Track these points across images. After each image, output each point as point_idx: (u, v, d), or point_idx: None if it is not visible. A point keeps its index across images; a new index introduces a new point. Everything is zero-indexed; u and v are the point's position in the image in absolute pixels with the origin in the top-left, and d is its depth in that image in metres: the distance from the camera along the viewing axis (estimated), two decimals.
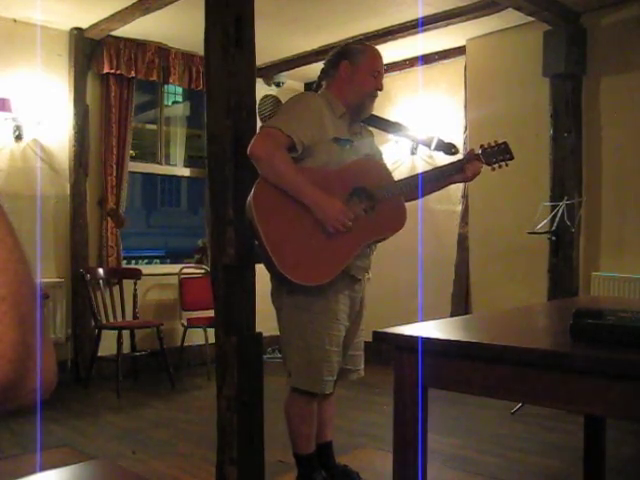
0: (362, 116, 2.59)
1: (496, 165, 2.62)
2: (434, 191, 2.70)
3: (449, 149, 2.75)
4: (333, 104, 2.50)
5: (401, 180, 2.56)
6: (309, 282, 2.32)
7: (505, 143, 2.62)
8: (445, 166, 2.61)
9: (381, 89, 2.57)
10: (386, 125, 2.94)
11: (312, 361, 2.40)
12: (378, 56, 2.59)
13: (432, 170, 2.67)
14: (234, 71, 2.39)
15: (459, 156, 2.77)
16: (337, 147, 2.43)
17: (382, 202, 2.43)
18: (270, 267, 2.35)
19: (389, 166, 2.73)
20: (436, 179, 2.60)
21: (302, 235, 2.32)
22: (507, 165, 2.62)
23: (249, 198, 2.33)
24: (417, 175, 2.58)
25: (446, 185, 2.67)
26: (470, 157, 2.60)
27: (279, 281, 2.41)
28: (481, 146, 2.62)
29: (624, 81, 4.22)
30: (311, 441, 2.52)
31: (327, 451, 2.68)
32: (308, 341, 2.39)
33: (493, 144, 2.62)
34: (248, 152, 2.32)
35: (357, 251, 2.40)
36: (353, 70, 2.51)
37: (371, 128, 2.76)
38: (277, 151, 2.29)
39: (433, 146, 2.76)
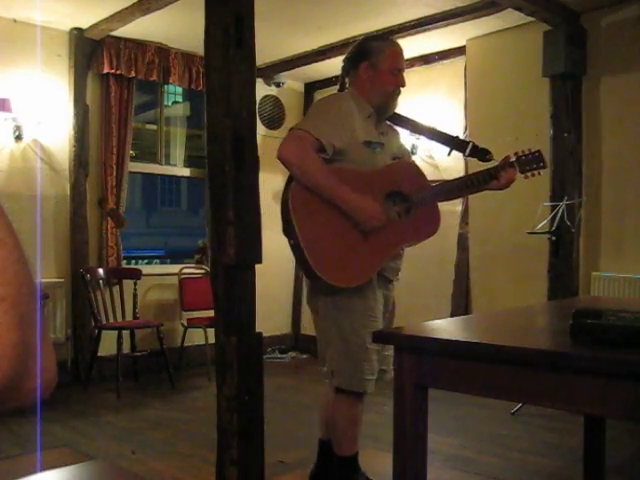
0: (387, 114, 2.57)
1: (529, 173, 2.59)
2: (466, 195, 2.69)
3: (484, 155, 2.67)
4: (361, 105, 2.48)
5: (437, 186, 2.56)
6: (343, 284, 2.33)
7: (539, 151, 2.58)
8: (480, 172, 2.57)
9: (404, 85, 2.53)
10: (418, 128, 2.86)
11: (354, 361, 2.38)
12: (398, 53, 2.55)
13: (467, 176, 2.65)
14: (234, 71, 2.39)
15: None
16: (368, 151, 2.42)
17: (417, 206, 2.46)
18: (305, 268, 2.35)
19: None
20: (471, 185, 2.58)
21: (337, 237, 2.34)
22: (540, 174, 2.59)
23: (287, 199, 2.32)
24: (453, 181, 2.60)
25: (480, 191, 2.65)
26: (505, 164, 2.55)
27: (315, 283, 2.41)
28: (515, 153, 2.58)
29: (624, 81, 4.22)
30: (356, 442, 2.51)
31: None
32: (349, 340, 2.38)
33: (527, 152, 2.58)
34: (278, 155, 2.31)
35: (391, 254, 2.42)
36: (374, 71, 2.49)
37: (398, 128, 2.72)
38: (308, 155, 2.28)
39: (467, 152, 2.70)
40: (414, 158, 5.36)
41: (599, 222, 4.34)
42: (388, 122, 2.63)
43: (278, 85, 6.01)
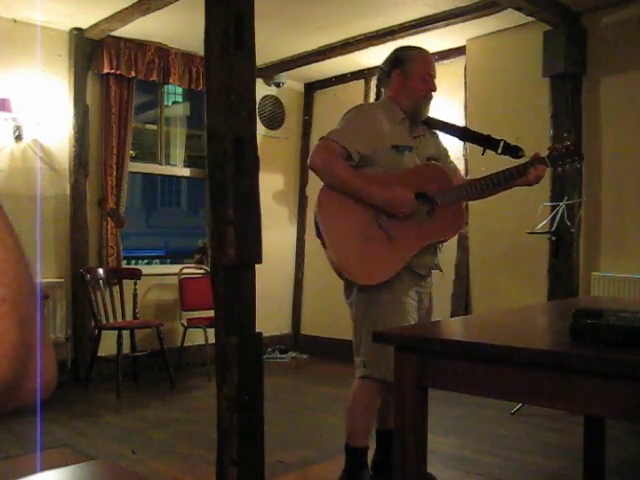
0: (420, 118, 2.67)
1: (563, 167, 2.61)
2: (495, 193, 2.73)
3: (516, 152, 2.69)
4: (392, 111, 2.62)
5: (461, 186, 2.61)
6: (365, 281, 2.48)
7: (574, 145, 2.60)
8: (508, 170, 2.60)
9: (434, 90, 2.66)
10: (451, 129, 2.88)
11: (382, 351, 2.42)
12: (428, 60, 2.71)
13: (494, 174, 2.66)
14: (234, 71, 2.39)
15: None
16: (396, 154, 2.55)
17: (442, 207, 2.54)
18: (333, 267, 2.51)
19: None
20: (498, 183, 2.61)
21: (362, 237, 2.48)
22: (578, 166, 2.61)
23: (315, 203, 2.53)
24: (478, 180, 2.63)
25: (509, 188, 2.68)
26: (534, 161, 2.58)
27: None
28: (549, 148, 2.61)
29: (624, 81, 4.22)
30: (367, 435, 2.58)
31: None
32: None
33: (561, 147, 2.60)
34: (308, 164, 2.53)
35: (414, 253, 2.51)
36: (405, 78, 2.63)
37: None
38: (334, 159, 2.46)
39: (500, 150, 2.71)
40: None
41: (599, 222, 4.34)
42: (424, 126, 2.72)
43: (278, 85, 6.01)
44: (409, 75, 2.62)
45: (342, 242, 2.47)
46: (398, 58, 2.69)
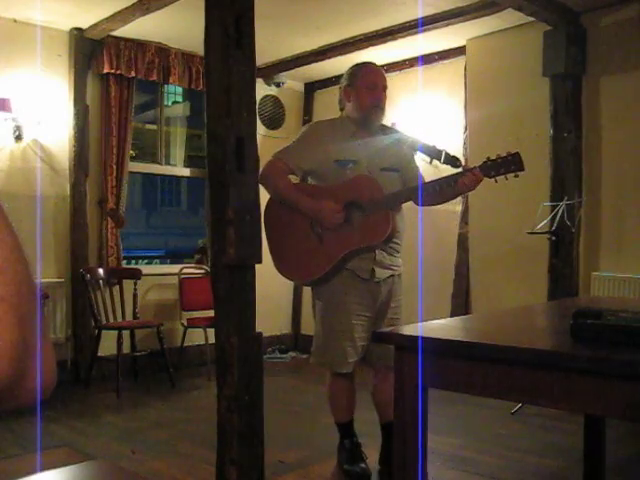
0: (372, 128, 2.81)
1: (499, 177, 2.62)
2: (438, 202, 2.86)
3: (454, 162, 2.81)
4: (344, 126, 2.82)
5: (388, 195, 2.72)
6: (295, 280, 2.98)
7: (515, 154, 2.60)
8: (443, 179, 2.71)
9: (380, 99, 2.78)
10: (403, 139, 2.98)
11: (321, 340, 2.83)
12: (371, 71, 2.84)
13: (429, 182, 2.77)
14: (234, 71, 2.39)
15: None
16: (339, 168, 2.74)
17: (370, 214, 2.69)
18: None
19: None
20: (432, 191, 2.72)
21: (296, 242, 2.78)
22: (516, 176, 2.61)
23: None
24: (404, 190, 2.77)
25: (452, 197, 2.81)
26: (464, 172, 2.68)
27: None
28: (487, 158, 2.64)
29: (624, 81, 4.22)
30: (341, 412, 2.96)
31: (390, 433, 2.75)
32: (317, 323, 2.85)
33: (502, 155, 2.60)
34: (258, 178, 2.72)
35: (342, 255, 2.69)
36: (352, 90, 2.81)
37: None
38: (278, 176, 2.77)
39: (442, 159, 2.80)
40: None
41: (599, 222, 4.34)
42: (383, 133, 2.87)
43: (278, 85, 6.01)
44: (355, 87, 2.79)
45: (278, 244, 2.79)
46: (347, 75, 2.86)
